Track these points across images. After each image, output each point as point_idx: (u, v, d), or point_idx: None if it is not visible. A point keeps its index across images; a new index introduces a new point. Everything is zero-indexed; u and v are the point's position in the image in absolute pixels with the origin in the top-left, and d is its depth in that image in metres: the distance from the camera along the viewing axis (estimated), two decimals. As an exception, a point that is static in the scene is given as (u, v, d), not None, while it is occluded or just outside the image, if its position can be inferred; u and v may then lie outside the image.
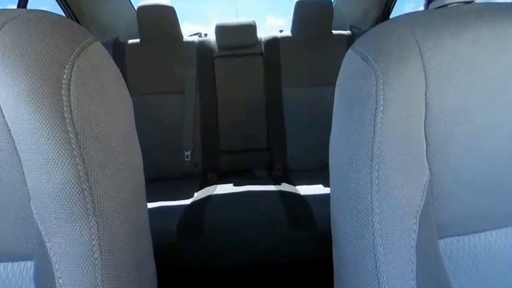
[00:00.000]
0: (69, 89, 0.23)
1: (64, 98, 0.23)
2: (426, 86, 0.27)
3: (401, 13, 0.32)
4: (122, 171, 0.28)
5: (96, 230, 0.25)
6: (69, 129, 0.23)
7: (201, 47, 1.28)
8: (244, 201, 0.99)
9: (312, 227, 0.86)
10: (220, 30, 1.27)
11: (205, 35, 1.42)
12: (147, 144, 1.18)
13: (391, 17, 1.32)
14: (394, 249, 0.28)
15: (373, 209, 0.28)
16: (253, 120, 1.31)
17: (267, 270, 0.87)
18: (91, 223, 0.25)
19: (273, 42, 1.29)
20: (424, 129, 0.28)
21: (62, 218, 0.24)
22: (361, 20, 1.43)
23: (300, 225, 0.87)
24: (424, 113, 0.28)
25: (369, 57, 0.28)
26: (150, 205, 0.91)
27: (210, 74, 1.28)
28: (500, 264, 0.33)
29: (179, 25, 1.26)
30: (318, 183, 1.09)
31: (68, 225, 0.24)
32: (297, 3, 1.24)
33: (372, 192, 0.28)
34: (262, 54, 1.30)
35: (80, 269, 0.25)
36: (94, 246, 0.25)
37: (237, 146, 1.31)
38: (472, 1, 0.32)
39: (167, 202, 0.97)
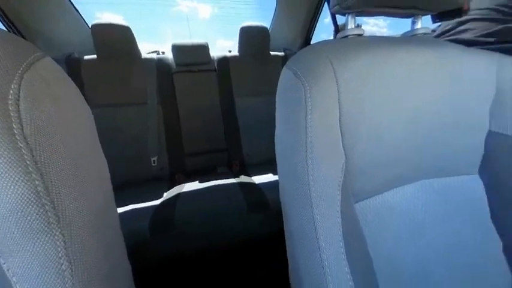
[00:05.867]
0: (18, 105, 0.22)
1: (12, 114, 0.22)
2: (338, 94, 0.32)
3: (319, 39, 0.38)
4: (87, 181, 0.27)
5: (62, 242, 0.24)
6: (21, 145, 0.22)
7: (160, 63, 1.33)
8: (209, 194, 1.04)
9: (266, 209, 0.95)
10: (177, 49, 1.35)
11: (163, 53, 1.47)
12: (114, 153, 1.19)
13: (312, 42, 1.60)
14: (326, 214, 0.32)
15: (309, 186, 0.32)
16: (212, 126, 1.38)
17: (233, 249, 0.93)
18: (55, 236, 0.23)
19: (224, 60, 1.42)
20: (339, 125, 0.33)
21: (19, 236, 0.22)
22: (292, 44, 1.67)
23: (256, 209, 0.95)
24: (338, 114, 0.32)
25: (299, 73, 0.32)
26: (122, 209, 0.91)
27: (169, 86, 1.33)
28: (396, 216, 0.39)
29: (136, 43, 1.28)
30: (269, 173, 1.21)
31: (27, 242, 0.23)
32: (241, 28, 1.40)
33: (308, 174, 0.32)
34: (215, 70, 1.42)
35: (46, 283, 0.23)
36: (61, 258, 0.24)
37: (199, 149, 1.37)
38: (361, 34, 0.40)
39: (138, 204, 0.97)
